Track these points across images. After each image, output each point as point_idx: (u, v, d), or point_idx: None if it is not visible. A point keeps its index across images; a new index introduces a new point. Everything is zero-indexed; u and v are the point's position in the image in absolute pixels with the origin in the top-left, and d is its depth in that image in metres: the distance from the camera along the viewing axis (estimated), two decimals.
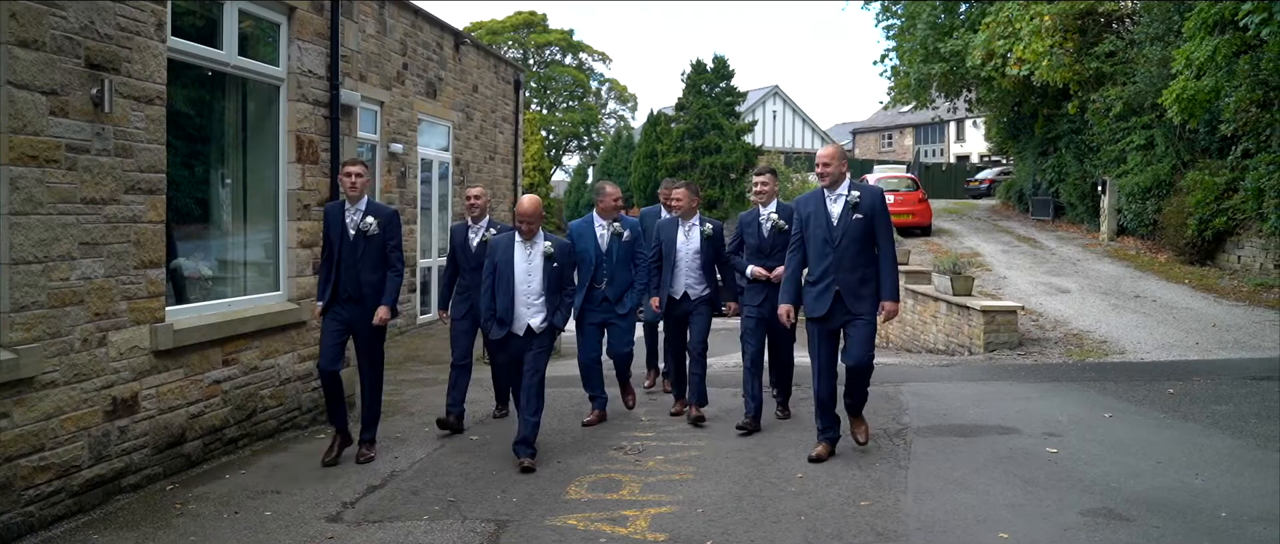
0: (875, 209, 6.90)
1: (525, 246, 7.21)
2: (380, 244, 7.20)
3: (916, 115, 49.56)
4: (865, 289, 6.90)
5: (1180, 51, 15.29)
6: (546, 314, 7.22)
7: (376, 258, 7.20)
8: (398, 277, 7.32)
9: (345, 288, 7.14)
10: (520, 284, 7.18)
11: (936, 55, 27.60)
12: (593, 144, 58.17)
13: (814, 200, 7.07)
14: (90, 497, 6.02)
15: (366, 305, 7.18)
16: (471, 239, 8.35)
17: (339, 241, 7.15)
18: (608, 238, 8.58)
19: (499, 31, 56.50)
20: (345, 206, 7.22)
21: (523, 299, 7.18)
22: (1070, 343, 13.20)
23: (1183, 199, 18.63)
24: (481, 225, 8.38)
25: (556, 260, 7.25)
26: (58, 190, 5.72)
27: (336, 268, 7.15)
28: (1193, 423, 8.21)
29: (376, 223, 7.14)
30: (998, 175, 40.91)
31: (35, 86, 5.53)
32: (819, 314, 6.98)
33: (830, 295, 6.89)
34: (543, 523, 5.79)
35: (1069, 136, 25.08)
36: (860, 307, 6.90)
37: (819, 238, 6.95)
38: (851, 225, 6.86)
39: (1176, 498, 6.11)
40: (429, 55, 14.57)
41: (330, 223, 7.25)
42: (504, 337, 7.21)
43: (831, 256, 6.87)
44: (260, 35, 8.04)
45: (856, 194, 6.88)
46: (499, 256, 7.23)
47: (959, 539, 5.45)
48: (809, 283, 7.05)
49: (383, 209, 7.31)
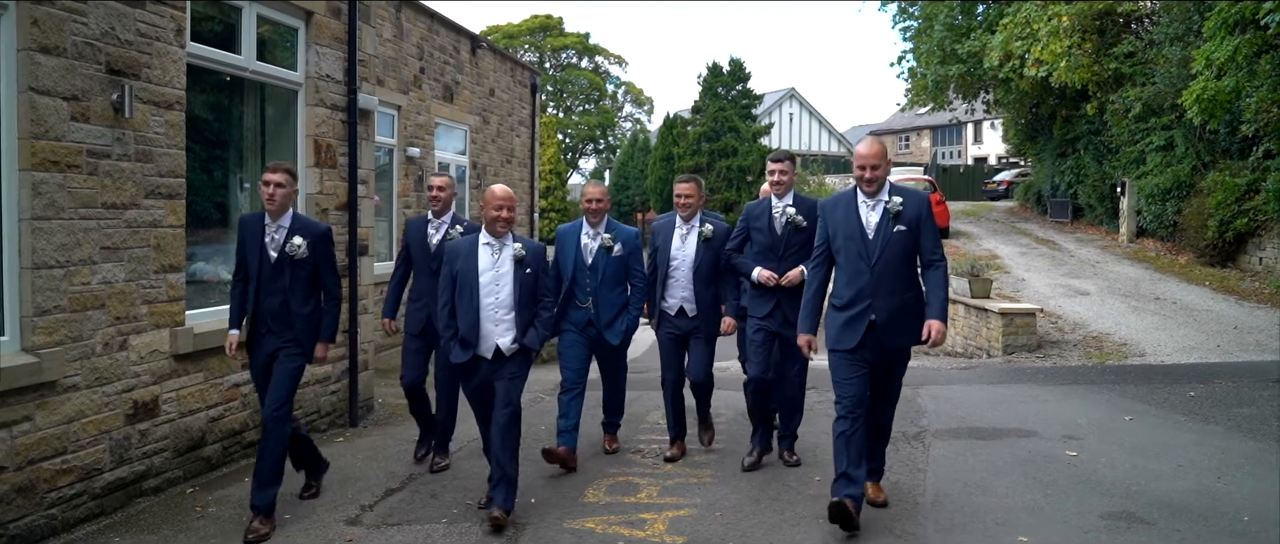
0: (921, 218, 5.65)
1: (492, 249, 5.97)
2: (310, 269, 6.05)
3: (934, 117, 49.38)
4: (908, 318, 5.63)
5: (1200, 52, 15.18)
6: (517, 332, 5.96)
7: (306, 284, 6.05)
8: (337, 305, 6.27)
9: (268, 320, 5.97)
10: (486, 296, 5.92)
11: (954, 56, 27.52)
12: (609, 147, 58.27)
13: (844, 205, 5.75)
14: (112, 499, 6.06)
15: (298, 335, 6.08)
16: (432, 235, 7.19)
17: (257, 263, 5.96)
18: (595, 250, 7.14)
19: (515, 35, 56.67)
20: (265, 221, 5.97)
21: (490, 314, 5.92)
22: (1089, 345, 13.12)
23: (1203, 200, 18.50)
24: (445, 221, 7.22)
25: (529, 265, 6.00)
26: (79, 195, 5.76)
27: (256, 296, 6.00)
28: (1214, 426, 8.15)
29: (305, 244, 5.96)
30: (1016, 177, 40.71)
31: (57, 92, 5.57)
32: (847, 346, 5.65)
33: (864, 325, 5.60)
34: (561, 526, 5.79)
35: (1088, 138, 24.95)
36: (900, 338, 5.67)
37: (852, 253, 5.65)
38: (893, 239, 5.58)
39: (1198, 502, 6.07)
40: (446, 59, 14.62)
41: (245, 238, 6.03)
42: (468, 360, 5.97)
43: (868, 278, 5.58)
44: (278, 40, 8.09)
45: (898, 200, 5.61)
46: (459, 264, 5.96)
47: (978, 542, 5.42)
48: (836, 307, 5.75)
49: (313, 226, 6.13)
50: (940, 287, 5.62)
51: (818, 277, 5.88)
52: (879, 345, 5.62)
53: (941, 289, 5.62)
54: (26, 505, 5.45)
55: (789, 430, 7.18)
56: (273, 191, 5.88)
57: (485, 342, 5.94)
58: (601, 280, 7.12)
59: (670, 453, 7.40)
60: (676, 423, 7.50)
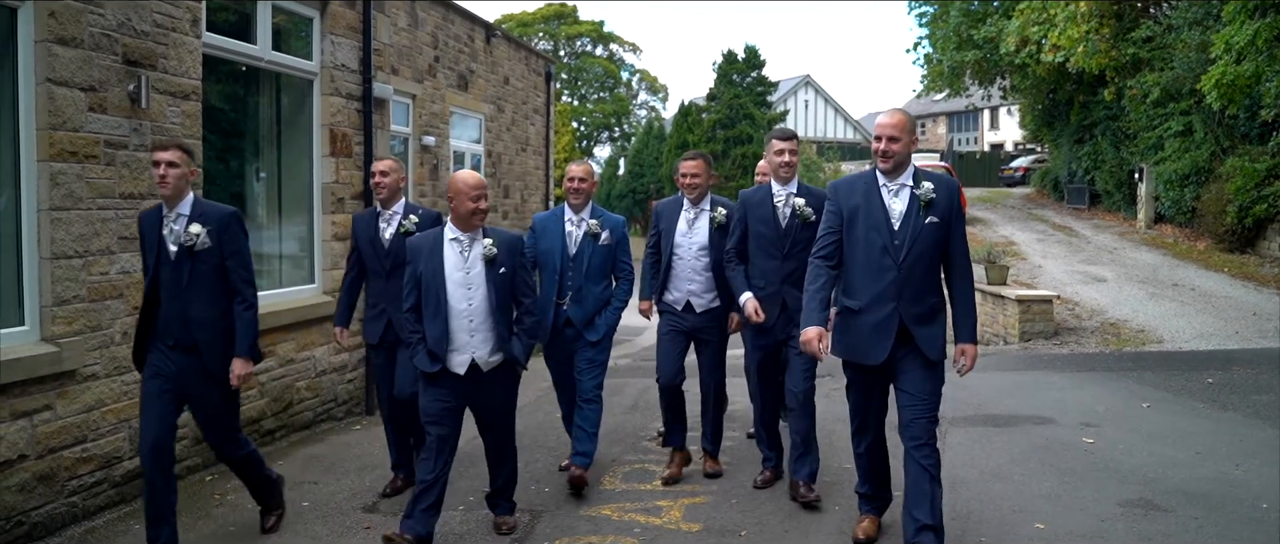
0: (953, 210, 4.80)
1: (460, 247, 5.12)
2: (215, 263, 5.00)
3: (950, 103, 49.16)
4: (932, 327, 4.79)
5: (1219, 36, 15.05)
6: (495, 343, 5.14)
7: (212, 284, 5.02)
8: (251, 310, 5.13)
9: (168, 329, 5.00)
10: (457, 302, 5.07)
11: (970, 42, 27.38)
12: (624, 135, 58.18)
13: (863, 189, 4.86)
14: (131, 487, 6.11)
15: (203, 357, 5.02)
16: (382, 231, 6.20)
17: (154, 261, 5.01)
18: (579, 237, 6.29)
19: (529, 23, 56.59)
20: (163, 212, 5.04)
21: (463, 323, 5.08)
22: (1107, 332, 13.06)
23: (1222, 186, 18.37)
24: (396, 211, 6.22)
25: (503, 263, 5.14)
26: (97, 186, 5.80)
27: (155, 301, 5.02)
28: (1232, 413, 8.11)
29: (205, 231, 4.96)
30: (1032, 163, 40.52)
31: (74, 83, 5.60)
32: (878, 360, 4.81)
33: (889, 332, 4.75)
34: (577, 513, 5.81)
35: (1105, 123, 24.81)
36: (924, 348, 4.81)
37: (874, 246, 4.76)
38: (923, 231, 4.72)
39: (1216, 489, 6.04)
40: (460, 48, 14.63)
41: (144, 234, 5.09)
42: (437, 372, 5.10)
43: (894, 276, 4.71)
44: (293, 30, 8.11)
45: (929, 186, 4.75)
46: (423, 265, 5.12)
47: (995, 530, 5.42)
48: (850, 310, 4.87)
49: (216, 210, 5.07)
50: (970, 301, 4.85)
51: (826, 269, 4.92)
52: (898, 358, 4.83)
53: (972, 304, 4.87)
54: (48, 493, 5.50)
55: (806, 464, 5.90)
56: (164, 172, 4.92)
57: (458, 355, 5.11)
58: (586, 273, 6.27)
59: (667, 473, 6.45)
60: (671, 428, 6.57)
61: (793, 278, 5.75)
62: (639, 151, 45.27)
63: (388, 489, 6.32)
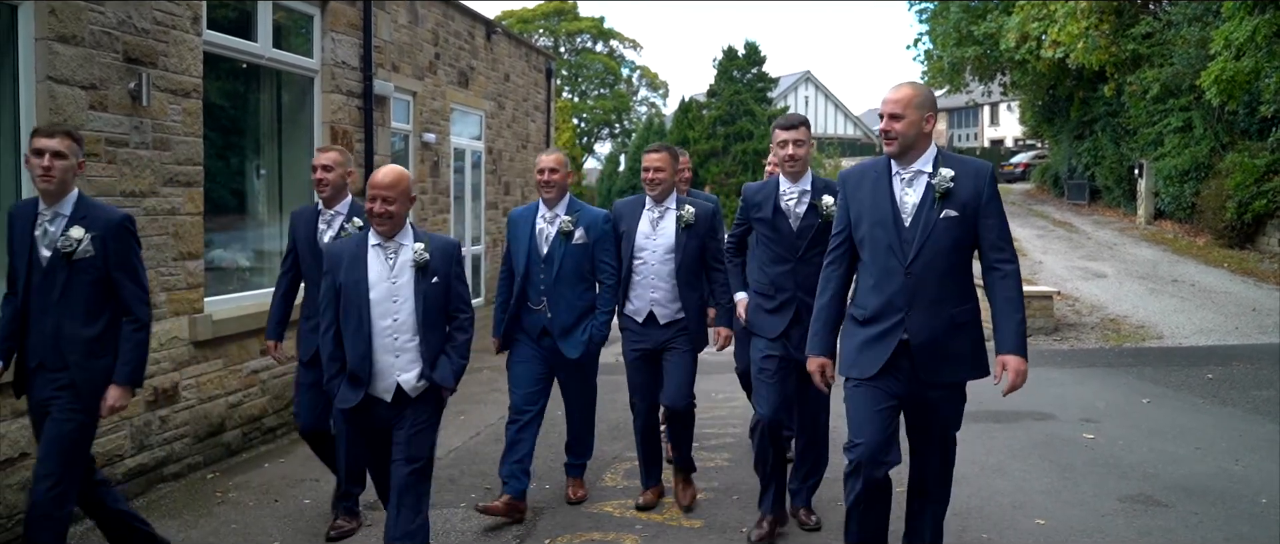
0: (981, 199, 4.01)
1: (383, 253, 4.42)
2: (98, 275, 4.25)
3: (950, 99, 48.99)
4: (957, 342, 4.03)
5: (1219, 32, 15.05)
6: (423, 365, 4.43)
7: (91, 299, 4.25)
8: (142, 330, 4.38)
9: (36, 348, 4.26)
10: (380, 317, 4.38)
11: (970, 38, 27.37)
12: (624, 131, 58.16)
13: (873, 178, 4.13)
14: (134, 485, 6.13)
15: (73, 380, 4.22)
16: (323, 232, 5.40)
17: (24, 267, 4.25)
18: (552, 235, 5.62)
19: (529, 20, 56.55)
20: (38, 208, 4.28)
21: (386, 341, 4.39)
22: (1107, 328, 13.07)
23: (1222, 182, 18.38)
24: (338, 212, 5.41)
25: (435, 271, 4.43)
26: (98, 184, 5.80)
27: (23, 313, 4.28)
28: (1232, 408, 8.12)
29: (88, 237, 4.20)
30: (1033, 159, 40.51)
31: (75, 81, 5.61)
32: (867, 372, 4.06)
33: (891, 345, 4.00)
34: (579, 510, 5.82)
35: (1105, 119, 24.82)
36: (944, 370, 4.05)
37: (880, 245, 4.03)
38: (939, 229, 3.97)
39: (1216, 484, 6.06)
40: (461, 45, 14.62)
41: (13, 233, 4.33)
42: (359, 403, 4.45)
43: (901, 281, 3.98)
44: (294, 27, 8.12)
45: (948, 174, 3.99)
46: (343, 274, 4.42)
47: (995, 525, 5.43)
48: (857, 321, 4.15)
49: (103, 214, 4.33)
50: (1013, 302, 4.00)
51: (836, 277, 4.24)
52: (914, 378, 4.03)
53: (1015, 306, 4.00)
54: None
55: (806, 484, 5.48)
56: (49, 163, 4.16)
57: (382, 379, 4.42)
58: (558, 275, 5.58)
59: (642, 500, 5.82)
60: (648, 464, 5.90)
61: (810, 284, 4.76)
62: (639, 148, 45.22)
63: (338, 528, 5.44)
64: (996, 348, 4.01)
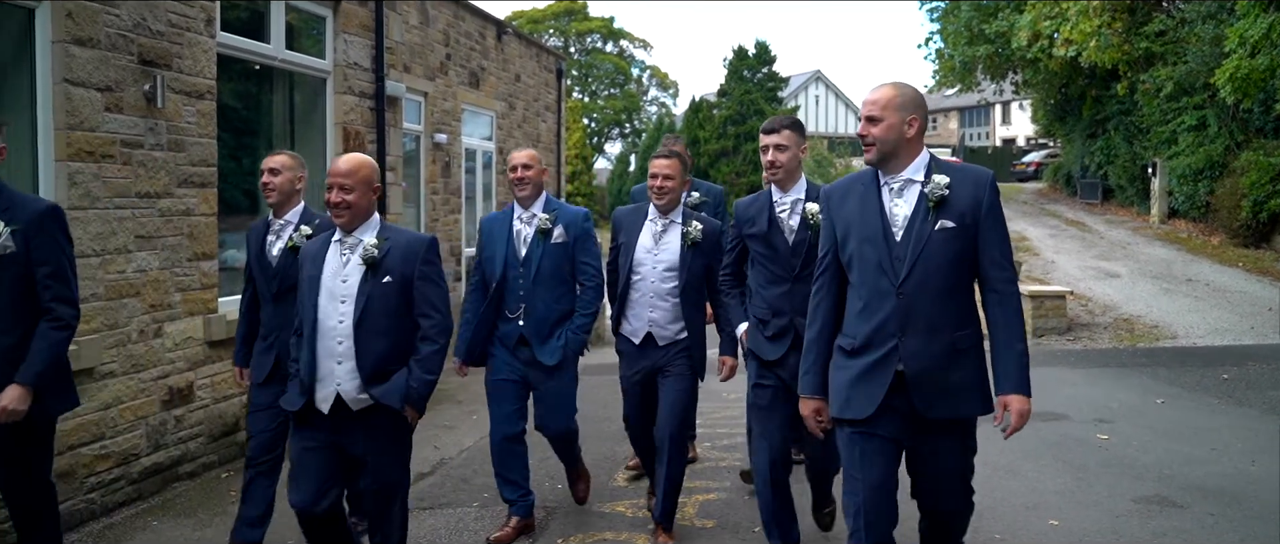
0: (981, 210, 3.50)
1: (340, 249, 4.04)
2: (20, 271, 3.82)
3: (961, 98, 49.03)
4: (959, 371, 3.51)
5: (1234, 29, 14.97)
6: (362, 377, 3.95)
7: (15, 300, 3.82)
8: (61, 331, 3.90)
9: None
10: (326, 316, 3.98)
11: (981, 37, 27.26)
12: (635, 131, 58.18)
13: (860, 191, 3.64)
14: (149, 484, 6.16)
15: None
16: (271, 244, 4.90)
17: None
18: (530, 236, 5.22)
19: (540, 20, 56.61)
20: None
21: (328, 344, 3.97)
22: (1120, 328, 13.03)
23: (1236, 181, 18.26)
24: (287, 221, 4.90)
25: (388, 270, 3.97)
26: (114, 185, 5.84)
27: None
28: (1248, 408, 8.09)
29: (8, 231, 3.77)
30: (1045, 158, 40.36)
31: (91, 83, 5.64)
32: (860, 413, 3.54)
33: (886, 379, 3.50)
34: (591, 510, 5.83)
35: (1118, 118, 24.70)
36: (945, 404, 3.52)
37: (869, 264, 3.54)
38: (934, 243, 3.47)
39: (1231, 485, 6.03)
40: (471, 45, 14.65)
41: None
42: (302, 409, 4.03)
43: (893, 304, 3.49)
44: (306, 29, 8.15)
45: (942, 182, 3.48)
46: (307, 271, 4.08)
47: (1009, 526, 5.42)
48: (845, 351, 3.63)
49: (28, 205, 3.91)
50: (1014, 331, 3.51)
51: (825, 305, 3.72)
52: (911, 414, 3.52)
53: (1016, 335, 3.51)
54: (67, 490, 5.54)
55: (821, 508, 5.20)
56: None
57: (322, 386, 3.97)
58: (536, 277, 5.16)
59: (653, 501, 5.35)
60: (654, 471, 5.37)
61: None
62: (649, 148, 45.25)
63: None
64: (996, 385, 3.56)
